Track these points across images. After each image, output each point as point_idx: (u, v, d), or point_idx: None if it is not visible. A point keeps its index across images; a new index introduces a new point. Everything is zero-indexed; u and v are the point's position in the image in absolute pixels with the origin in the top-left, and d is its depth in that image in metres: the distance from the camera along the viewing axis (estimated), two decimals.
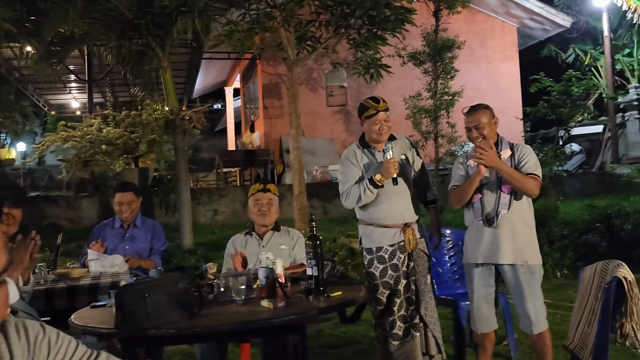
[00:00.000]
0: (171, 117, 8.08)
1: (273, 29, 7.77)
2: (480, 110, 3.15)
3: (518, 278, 3.02)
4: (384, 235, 3.32)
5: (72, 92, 16.86)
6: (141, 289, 2.02)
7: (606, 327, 2.07)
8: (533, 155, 3.13)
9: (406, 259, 3.30)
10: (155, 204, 9.10)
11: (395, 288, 3.29)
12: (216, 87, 16.35)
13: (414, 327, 3.29)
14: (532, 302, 3.00)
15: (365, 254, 3.41)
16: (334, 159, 11.40)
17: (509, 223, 3.04)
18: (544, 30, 13.56)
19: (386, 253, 3.32)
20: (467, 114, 3.19)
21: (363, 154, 3.42)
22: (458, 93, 9.35)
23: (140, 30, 7.51)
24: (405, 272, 3.30)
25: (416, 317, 3.29)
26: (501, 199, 3.05)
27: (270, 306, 2.29)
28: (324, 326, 4.99)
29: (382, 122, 3.32)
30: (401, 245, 3.30)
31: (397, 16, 7.60)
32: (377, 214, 3.34)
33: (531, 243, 3.08)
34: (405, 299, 3.29)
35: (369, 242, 3.39)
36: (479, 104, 3.25)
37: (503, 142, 3.21)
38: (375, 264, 3.34)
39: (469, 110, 3.21)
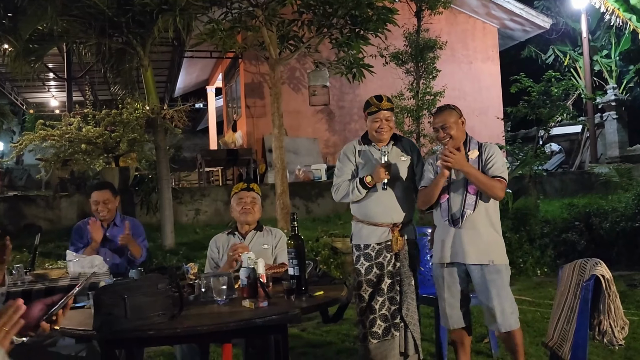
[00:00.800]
0: (152, 116, 8.00)
1: (255, 28, 7.73)
2: (446, 111, 3.19)
3: (484, 277, 3.05)
4: (373, 233, 3.35)
5: (51, 91, 16.62)
6: (120, 290, 1.99)
7: (585, 325, 2.09)
8: (500, 157, 3.17)
9: (392, 259, 3.32)
10: (136, 204, 9.00)
11: (379, 286, 3.31)
12: (198, 86, 16.24)
13: (394, 326, 3.31)
14: (499, 301, 3.02)
15: (354, 250, 3.45)
16: (316, 158, 11.40)
17: (474, 223, 3.08)
18: (524, 31, 13.71)
19: (373, 251, 3.34)
20: (435, 114, 3.26)
21: (362, 151, 3.45)
22: (440, 93, 9.40)
23: (120, 28, 7.43)
24: (391, 271, 3.32)
25: (397, 317, 3.31)
26: (467, 199, 3.08)
27: (252, 306, 2.28)
28: (307, 325, 4.99)
29: (382, 120, 3.35)
30: (388, 245, 3.32)
31: (379, 16, 7.62)
32: (367, 212, 3.37)
33: (497, 243, 3.12)
34: (388, 298, 3.31)
35: (357, 238, 3.43)
36: (445, 105, 3.30)
37: (472, 142, 3.24)
38: (361, 260, 3.37)
39: (436, 110, 3.28)
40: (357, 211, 3.44)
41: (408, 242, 3.35)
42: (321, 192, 9.85)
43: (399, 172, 3.36)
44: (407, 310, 3.30)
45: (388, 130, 3.38)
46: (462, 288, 3.18)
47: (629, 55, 14.85)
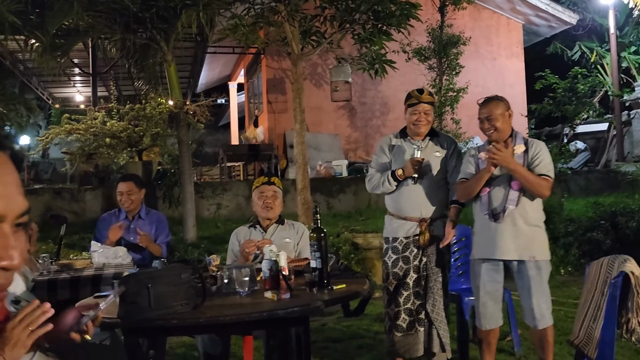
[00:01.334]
0: (175, 111, 8.07)
1: (278, 24, 7.74)
2: (493, 102, 3.12)
3: (525, 273, 3.01)
4: (401, 227, 3.36)
5: (76, 86, 16.87)
6: (144, 279, 2.02)
7: (612, 322, 2.05)
8: (547, 155, 3.11)
9: (419, 254, 3.31)
10: (158, 198, 9.10)
11: (404, 280, 3.31)
12: (220, 82, 16.33)
13: (418, 321, 3.30)
14: (538, 297, 2.98)
15: (384, 243, 3.50)
16: (338, 154, 11.38)
17: (515, 219, 3.02)
18: (550, 27, 13.49)
19: (400, 244, 3.35)
20: (481, 104, 3.17)
21: (397, 144, 3.44)
22: (463, 89, 9.32)
23: (144, 23, 7.49)
24: (417, 266, 3.32)
25: (422, 312, 3.30)
26: (510, 195, 3.02)
27: (274, 298, 2.28)
28: (327, 320, 4.99)
29: (421, 113, 3.35)
30: (416, 239, 3.31)
31: (402, 11, 7.55)
32: (398, 205, 3.39)
33: (539, 238, 3.06)
34: (413, 293, 3.31)
35: (387, 231, 3.47)
36: (494, 95, 3.22)
37: (517, 136, 3.18)
38: (389, 253, 3.41)
39: (483, 101, 3.19)
40: (389, 204, 3.46)
41: (437, 237, 3.32)
42: (342, 188, 9.84)
43: (432, 167, 3.34)
44: (433, 307, 3.29)
45: (426, 124, 3.37)
46: (499, 287, 3.14)
47: None
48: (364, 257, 6.63)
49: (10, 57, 12.44)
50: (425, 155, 3.31)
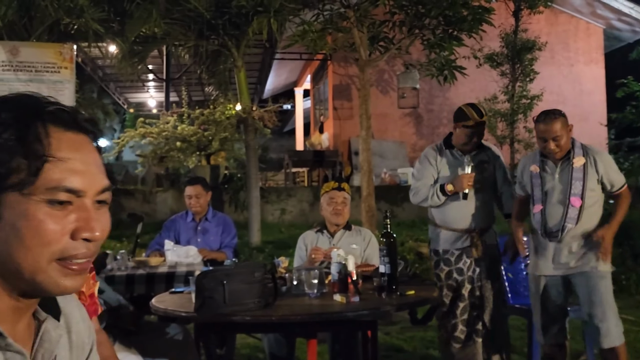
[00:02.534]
0: (243, 116, 8.24)
1: (346, 29, 7.75)
2: (557, 119, 2.88)
3: (587, 284, 2.84)
4: (452, 239, 3.30)
5: (150, 91, 17.60)
6: (220, 276, 2.05)
7: None
8: (614, 166, 2.95)
9: (472, 264, 3.25)
10: (225, 201, 9.31)
11: (459, 292, 3.25)
12: (286, 88, 16.57)
13: (475, 332, 3.24)
14: (602, 309, 2.79)
15: (433, 255, 3.41)
16: (403, 162, 11.25)
17: (575, 236, 2.87)
18: (634, 31, 12.79)
19: (452, 256, 3.29)
20: (542, 122, 2.92)
21: (444, 155, 3.37)
22: (537, 96, 8.99)
23: (217, 30, 7.71)
24: (471, 277, 3.26)
25: (479, 323, 3.23)
26: (569, 213, 2.84)
27: (343, 301, 2.26)
28: (391, 330, 4.91)
29: (473, 137, 3.26)
30: (468, 250, 3.23)
31: (475, 16, 7.37)
32: (447, 218, 3.31)
33: (598, 248, 2.87)
34: (470, 304, 3.25)
35: (436, 243, 3.39)
36: (552, 111, 2.98)
37: (575, 147, 2.99)
38: (441, 265, 3.33)
39: (543, 118, 2.93)
40: (436, 216, 3.38)
41: (489, 247, 3.26)
42: (406, 197, 9.55)
43: (481, 179, 3.26)
44: (490, 317, 3.20)
45: (477, 141, 3.30)
46: (560, 302, 2.99)
47: None
48: (429, 267, 6.48)
49: (91, 63, 13.14)
50: (473, 168, 3.22)
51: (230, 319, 2.03)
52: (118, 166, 17.48)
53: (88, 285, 1.73)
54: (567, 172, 2.90)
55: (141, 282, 3.15)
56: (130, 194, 9.66)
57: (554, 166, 2.95)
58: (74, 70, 6.64)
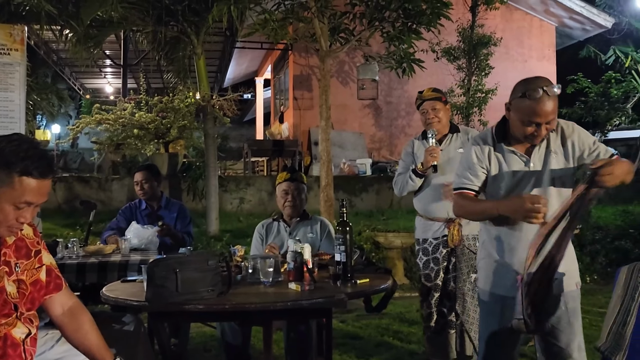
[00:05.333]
0: (203, 104, 8.14)
1: (307, 20, 7.75)
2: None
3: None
4: (429, 228, 3.34)
5: (107, 77, 17.14)
6: (173, 264, 2.05)
7: None
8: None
9: (448, 254, 3.28)
10: (183, 190, 9.20)
11: (435, 282, 3.29)
12: (247, 77, 16.43)
13: (449, 323, 3.27)
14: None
15: (415, 245, 3.47)
16: (362, 152, 11.35)
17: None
18: (584, 30, 13.23)
19: (430, 245, 3.33)
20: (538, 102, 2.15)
21: (420, 144, 3.43)
22: (492, 90, 9.21)
23: (176, 16, 7.58)
24: (446, 267, 3.29)
25: (452, 314, 3.27)
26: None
27: (298, 289, 2.29)
28: (346, 317, 4.99)
29: (429, 110, 3.32)
30: (444, 240, 3.28)
31: (433, 10, 7.49)
32: (424, 206, 3.37)
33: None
34: (444, 294, 3.28)
35: (417, 232, 3.45)
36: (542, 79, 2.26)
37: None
38: (420, 255, 3.40)
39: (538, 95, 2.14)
40: (417, 205, 3.44)
41: (468, 238, 3.24)
42: (365, 187, 9.82)
43: (456, 163, 3.27)
44: (463, 308, 3.23)
45: (437, 120, 3.33)
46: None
47: None
48: (385, 256, 6.62)
49: (44, 46, 12.69)
50: (448, 152, 3.28)
51: (183, 308, 2.02)
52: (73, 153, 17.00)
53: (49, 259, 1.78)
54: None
55: (93, 270, 3.10)
56: (86, 182, 9.42)
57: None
58: (24, 52, 6.38)
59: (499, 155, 2.30)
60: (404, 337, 4.37)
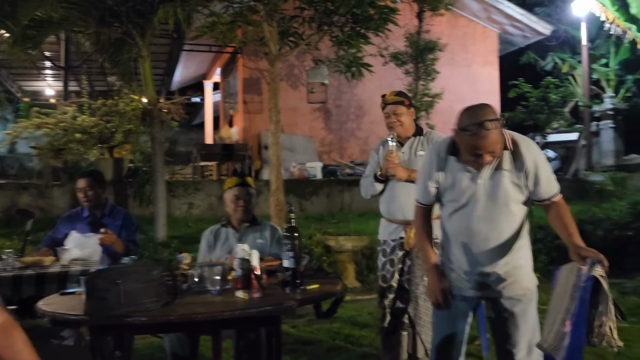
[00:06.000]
0: (149, 107, 7.94)
1: (256, 23, 7.69)
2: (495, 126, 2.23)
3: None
4: (387, 229, 3.38)
5: (47, 79, 16.50)
6: (113, 275, 1.96)
7: (582, 326, 2.07)
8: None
9: (404, 256, 3.31)
10: (129, 195, 8.94)
11: (390, 283, 3.31)
12: (195, 80, 16.17)
13: (401, 325, 3.30)
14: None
15: (377, 245, 3.51)
16: (312, 156, 11.36)
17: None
18: (524, 37, 13.72)
19: (388, 247, 3.36)
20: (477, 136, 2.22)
21: (387, 146, 3.43)
22: (438, 95, 9.41)
23: (120, 17, 7.36)
24: (401, 269, 3.31)
25: (405, 316, 3.29)
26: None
27: (246, 297, 2.25)
28: (297, 322, 4.96)
29: (390, 114, 3.35)
30: (401, 242, 3.30)
31: (381, 15, 7.58)
32: (384, 208, 3.41)
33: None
34: (398, 296, 3.31)
35: (380, 233, 3.48)
36: (483, 109, 2.31)
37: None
38: (379, 256, 3.43)
39: (475, 130, 2.21)
40: (380, 206, 3.47)
41: None
42: (315, 191, 9.82)
43: (417, 167, 3.31)
44: (415, 311, 3.26)
45: (399, 124, 3.36)
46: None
47: (627, 64, 14.87)
48: (336, 260, 6.63)
49: None
50: (410, 155, 3.32)
51: (125, 321, 1.94)
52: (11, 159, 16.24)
53: None
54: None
55: (30, 283, 2.94)
56: (24, 189, 9.01)
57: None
58: None
59: (452, 168, 2.38)
60: (355, 341, 4.38)
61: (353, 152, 12.11)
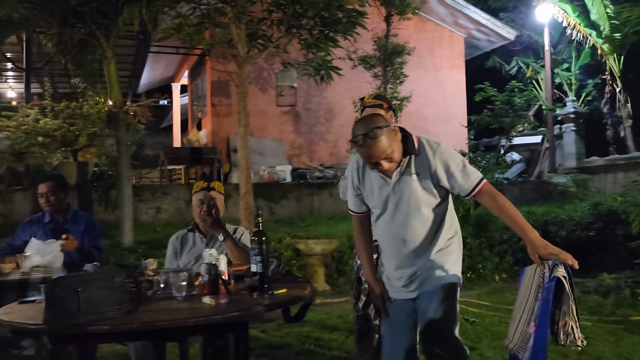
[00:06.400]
0: (114, 110, 7.79)
1: (224, 25, 7.62)
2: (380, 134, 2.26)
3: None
4: None
5: (8, 81, 16.04)
6: (74, 283, 1.90)
7: (545, 326, 2.10)
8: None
9: (376, 259, 3.31)
10: (94, 200, 8.75)
11: (364, 285, 3.32)
12: (163, 83, 15.94)
13: (373, 328, 3.30)
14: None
15: (353, 248, 3.58)
16: (281, 159, 11.33)
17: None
18: (490, 41, 13.98)
19: None
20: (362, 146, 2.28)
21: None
22: (407, 98, 9.50)
23: (83, 18, 7.21)
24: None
25: (377, 319, 3.30)
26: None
27: (213, 303, 2.21)
28: (267, 327, 4.93)
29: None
30: (377, 245, 3.30)
31: (349, 19, 7.62)
32: None
33: None
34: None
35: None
36: (370, 119, 2.36)
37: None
38: (356, 258, 3.43)
39: (361, 142, 2.27)
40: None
41: None
42: (285, 194, 9.79)
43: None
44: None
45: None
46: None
47: (588, 69, 15.33)
48: (306, 263, 6.62)
49: None
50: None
51: (86, 330, 1.88)
52: None
53: None
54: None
55: None
56: None
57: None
58: None
59: (369, 176, 2.48)
60: (325, 344, 4.37)
61: (322, 155, 12.12)
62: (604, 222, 7.43)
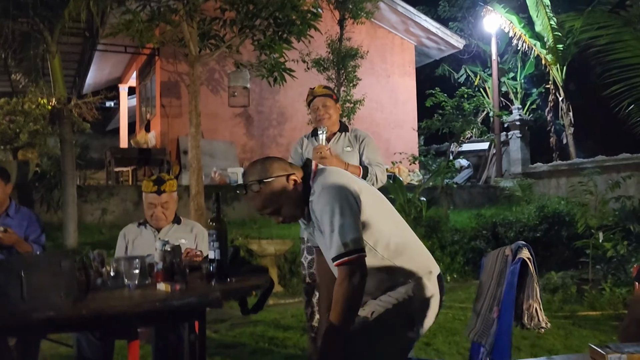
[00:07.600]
0: (58, 107, 7.44)
1: (175, 23, 7.44)
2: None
3: None
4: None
5: None
6: (16, 267, 1.74)
7: (510, 310, 2.10)
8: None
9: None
10: (35, 201, 8.32)
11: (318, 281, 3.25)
12: (110, 84, 15.41)
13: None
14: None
15: (300, 243, 3.46)
16: (233, 162, 11.16)
17: None
18: (439, 50, 14.29)
19: (313, 244, 3.27)
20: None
21: (309, 141, 3.39)
22: (360, 101, 9.56)
23: (25, 9, 6.86)
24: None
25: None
26: None
27: (168, 289, 2.09)
28: (219, 327, 4.80)
29: (319, 107, 3.32)
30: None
31: (303, 20, 7.59)
32: None
33: None
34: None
35: (302, 231, 3.40)
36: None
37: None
38: (304, 254, 3.39)
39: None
40: None
41: None
42: (237, 196, 9.62)
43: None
44: None
45: (327, 117, 3.33)
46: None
47: (533, 78, 15.92)
48: (259, 264, 6.50)
49: None
50: (335, 150, 3.30)
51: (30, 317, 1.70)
52: None
53: None
54: None
55: None
56: None
57: None
58: None
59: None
60: (279, 343, 4.29)
61: None
62: (550, 223, 7.68)
